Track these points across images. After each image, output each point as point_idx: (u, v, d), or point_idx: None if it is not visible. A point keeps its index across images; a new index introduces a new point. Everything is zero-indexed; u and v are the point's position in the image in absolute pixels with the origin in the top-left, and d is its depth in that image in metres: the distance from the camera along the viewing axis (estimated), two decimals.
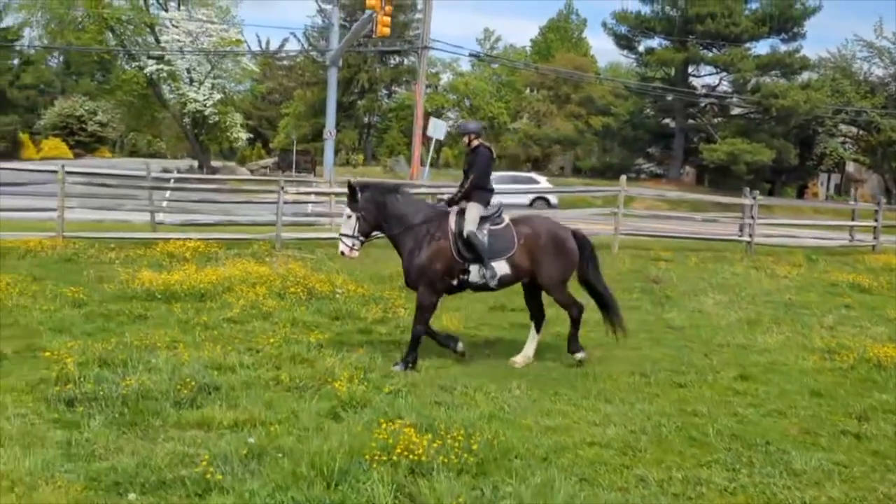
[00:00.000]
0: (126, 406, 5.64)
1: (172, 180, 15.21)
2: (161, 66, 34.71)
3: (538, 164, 61.00)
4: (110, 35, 36.58)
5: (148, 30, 37.14)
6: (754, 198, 16.54)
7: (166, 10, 37.22)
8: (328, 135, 36.81)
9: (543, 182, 32.11)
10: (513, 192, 25.11)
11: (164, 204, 15.11)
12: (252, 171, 41.23)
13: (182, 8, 37.14)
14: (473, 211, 7.12)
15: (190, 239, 11.90)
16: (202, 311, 8.80)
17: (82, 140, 55.57)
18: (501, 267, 7.17)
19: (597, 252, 7.89)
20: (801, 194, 50.30)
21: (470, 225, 7.04)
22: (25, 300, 8.49)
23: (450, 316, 8.85)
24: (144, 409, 5.61)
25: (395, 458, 4.72)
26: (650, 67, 49.33)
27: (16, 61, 63.71)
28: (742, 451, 5.39)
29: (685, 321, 9.81)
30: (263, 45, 62.90)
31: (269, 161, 45.17)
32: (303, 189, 14.47)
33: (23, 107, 59.24)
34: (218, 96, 35.04)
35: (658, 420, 6.00)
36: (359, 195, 7.07)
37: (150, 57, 33.72)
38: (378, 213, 7.11)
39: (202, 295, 9.39)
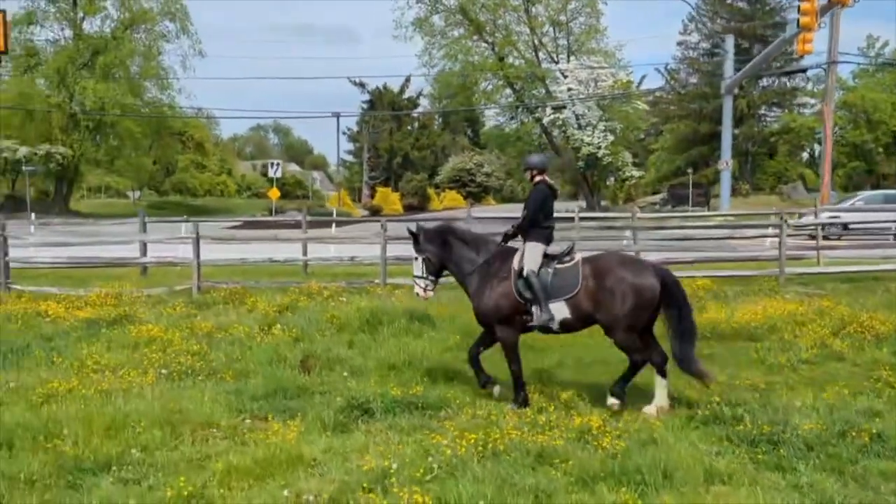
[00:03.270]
0: (809, 449, 5.48)
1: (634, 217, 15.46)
2: (556, 114, 36.90)
3: None
4: (509, 91, 40.08)
5: (539, 82, 39.89)
6: None
7: (556, 63, 39.59)
8: (724, 165, 35.53)
9: None
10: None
11: (624, 242, 15.54)
12: (641, 208, 41.36)
13: (572, 58, 39.16)
14: (533, 250, 6.77)
15: (694, 277, 11.91)
16: (760, 351, 8.53)
17: (472, 190, 61.46)
18: (560, 309, 6.61)
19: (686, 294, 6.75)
20: None
21: (528, 265, 6.67)
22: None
23: None
24: (835, 455, 5.39)
25: None
26: None
27: (411, 126, 73.56)
28: None
29: None
30: None
31: (657, 197, 44.98)
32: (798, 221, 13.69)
33: (421, 165, 67.96)
34: (611, 138, 36.03)
35: None
36: (420, 238, 7.12)
37: (554, 108, 35.95)
38: (441, 253, 7.10)
39: (751, 334, 9.16)
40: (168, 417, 6.34)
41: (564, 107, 35.98)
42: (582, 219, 13.26)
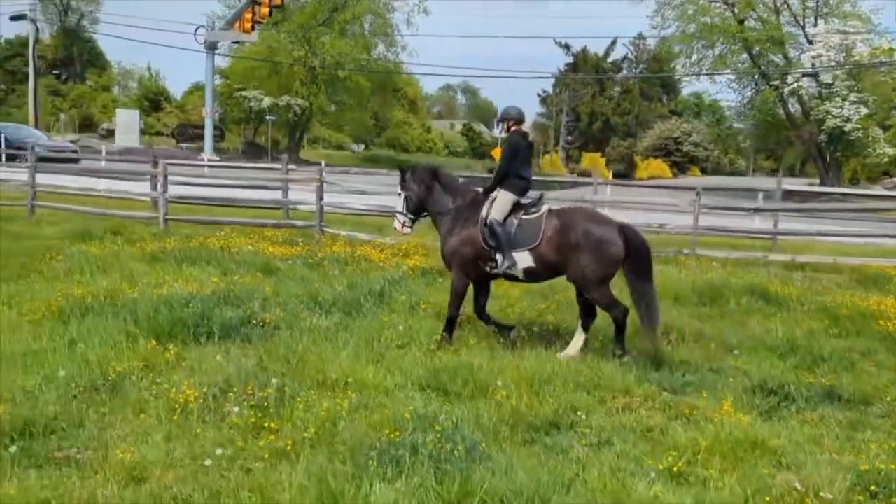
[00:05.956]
0: None
1: None
2: (799, 83, 33.82)
3: None
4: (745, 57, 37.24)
5: (778, 48, 36.73)
6: None
7: (801, 27, 36.21)
8: None
9: None
10: None
11: None
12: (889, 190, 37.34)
13: (820, 21, 35.61)
14: (502, 199, 6.99)
15: None
16: None
17: (677, 160, 58.64)
18: (524, 258, 6.88)
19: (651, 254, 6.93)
20: None
21: (494, 213, 6.94)
22: None
23: None
24: None
25: None
26: None
27: (612, 91, 71.09)
28: None
29: None
30: None
31: None
32: None
33: (622, 132, 65.69)
34: (864, 111, 32.50)
35: None
36: (407, 177, 7.40)
37: (805, 74, 33.02)
38: (422, 193, 7.35)
39: None
40: (580, 380, 6.16)
41: (815, 75, 32.83)
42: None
